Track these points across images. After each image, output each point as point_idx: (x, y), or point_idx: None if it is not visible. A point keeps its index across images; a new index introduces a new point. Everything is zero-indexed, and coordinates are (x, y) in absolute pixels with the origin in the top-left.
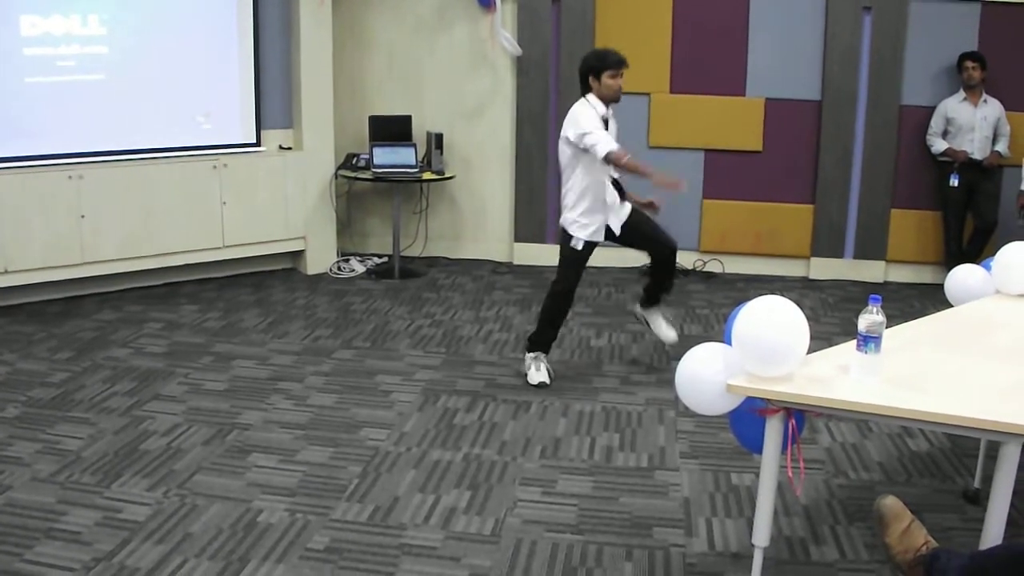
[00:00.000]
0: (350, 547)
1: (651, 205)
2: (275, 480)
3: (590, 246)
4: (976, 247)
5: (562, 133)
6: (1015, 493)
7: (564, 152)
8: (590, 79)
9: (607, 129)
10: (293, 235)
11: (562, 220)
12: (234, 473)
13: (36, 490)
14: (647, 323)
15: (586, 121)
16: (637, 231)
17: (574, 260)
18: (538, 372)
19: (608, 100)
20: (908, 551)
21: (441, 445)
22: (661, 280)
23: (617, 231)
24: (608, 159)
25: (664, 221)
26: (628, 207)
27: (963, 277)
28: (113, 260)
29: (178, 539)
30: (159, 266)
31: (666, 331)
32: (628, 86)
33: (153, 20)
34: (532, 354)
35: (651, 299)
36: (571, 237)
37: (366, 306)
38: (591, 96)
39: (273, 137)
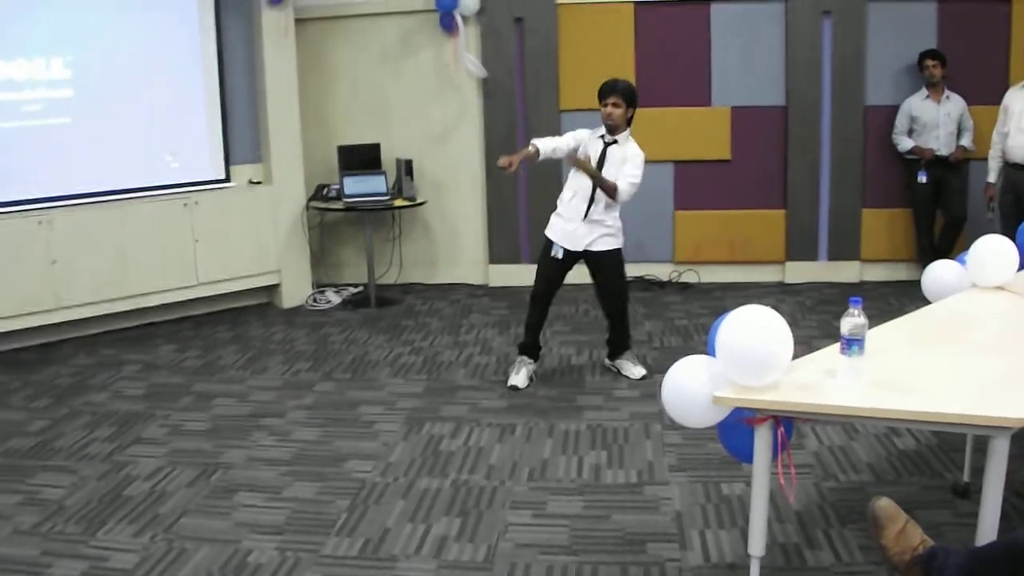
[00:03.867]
0: None
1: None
2: (263, 519)
3: (549, 245)
4: (948, 242)
5: None
6: (1006, 486)
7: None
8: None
9: (603, 154)
10: (267, 269)
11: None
12: (221, 514)
13: (19, 543)
14: (618, 371)
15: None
16: (598, 270)
17: (540, 259)
18: (516, 376)
19: (607, 128)
20: (905, 551)
21: (428, 473)
22: (615, 333)
23: (570, 246)
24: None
25: (637, 235)
26: (606, 244)
27: (939, 273)
28: (87, 304)
29: None
30: (134, 307)
31: (633, 371)
32: (594, 102)
33: (117, 61)
34: (519, 357)
35: (615, 351)
36: (546, 241)
37: (344, 337)
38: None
39: (242, 172)
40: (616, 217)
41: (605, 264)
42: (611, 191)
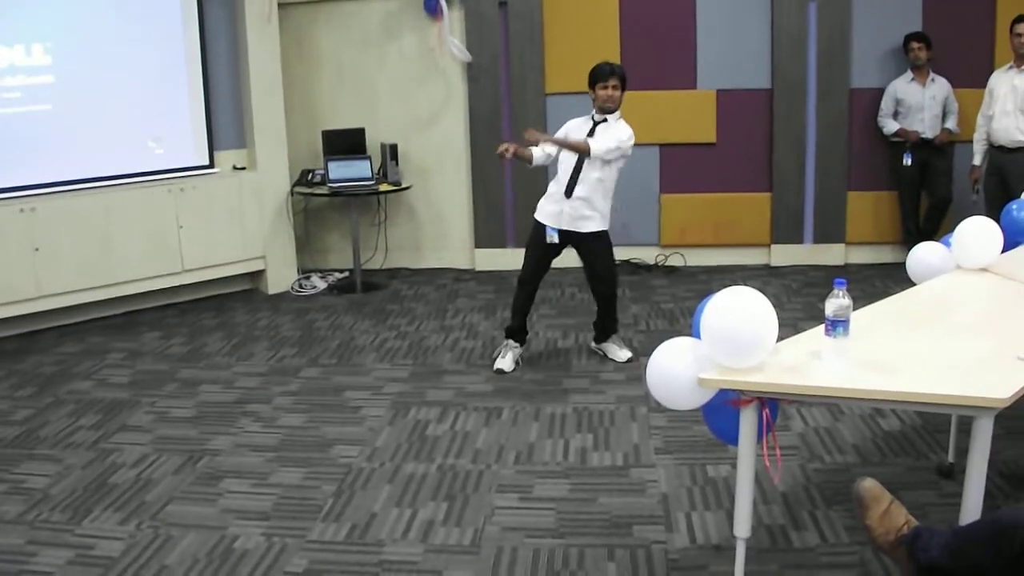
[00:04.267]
0: (329, 568)
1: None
2: (249, 505)
3: (539, 229)
4: (932, 224)
5: None
6: (990, 465)
7: None
8: (591, 94)
9: (591, 132)
10: (252, 255)
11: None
12: (207, 500)
13: (4, 532)
14: (604, 354)
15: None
16: (586, 253)
17: (527, 243)
18: (502, 359)
19: (604, 110)
20: (889, 532)
21: (414, 458)
22: (604, 319)
23: (559, 225)
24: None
25: (623, 218)
26: (591, 225)
27: (924, 255)
28: (70, 292)
29: (154, 572)
30: (118, 295)
31: (618, 354)
32: (579, 86)
33: (98, 47)
34: (505, 340)
35: (601, 335)
36: (536, 225)
37: (330, 322)
38: (594, 108)
39: (227, 158)
40: (607, 202)
41: (593, 246)
42: (583, 150)
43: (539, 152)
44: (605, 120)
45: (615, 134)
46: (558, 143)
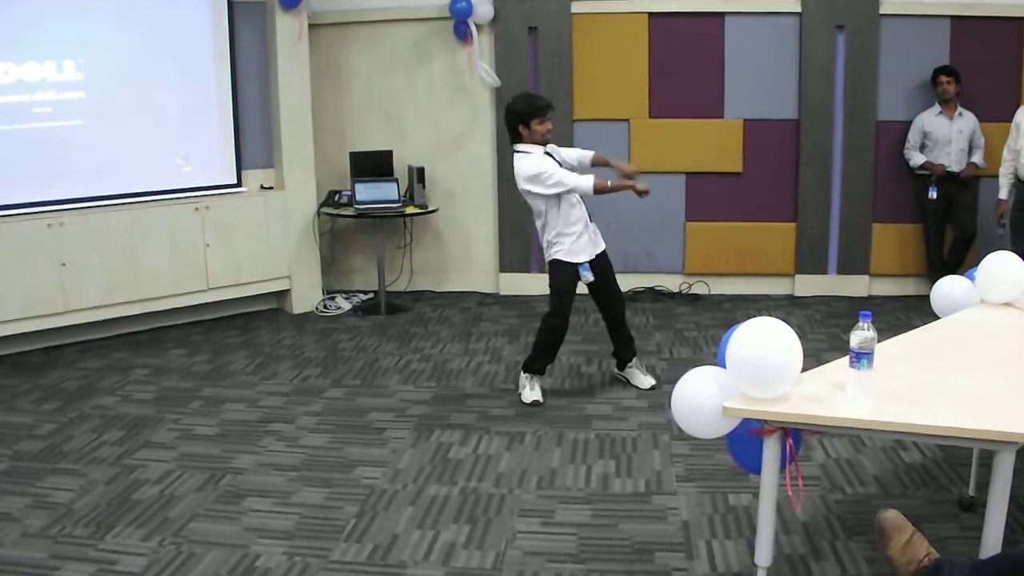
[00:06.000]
0: None
1: (634, 182)
2: (271, 524)
3: (573, 271)
4: (957, 258)
5: (522, 187)
6: (1011, 500)
7: (536, 200)
8: (520, 128)
9: (555, 159)
10: (278, 275)
11: (548, 252)
12: (229, 518)
13: (27, 546)
14: (627, 380)
15: (540, 166)
16: (603, 271)
17: (566, 289)
18: (531, 391)
19: (541, 144)
20: (911, 563)
21: (437, 480)
22: (618, 339)
23: (593, 252)
24: (597, 191)
25: (648, 245)
26: (603, 243)
27: (948, 288)
28: (96, 307)
29: None
30: (143, 311)
31: (643, 380)
32: (607, 113)
33: (129, 64)
34: (527, 375)
35: (623, 361)
36: (560, 265)
37: (354, 343)
38: (525, 145)
39: (254, 177)
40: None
41: (605, 263)
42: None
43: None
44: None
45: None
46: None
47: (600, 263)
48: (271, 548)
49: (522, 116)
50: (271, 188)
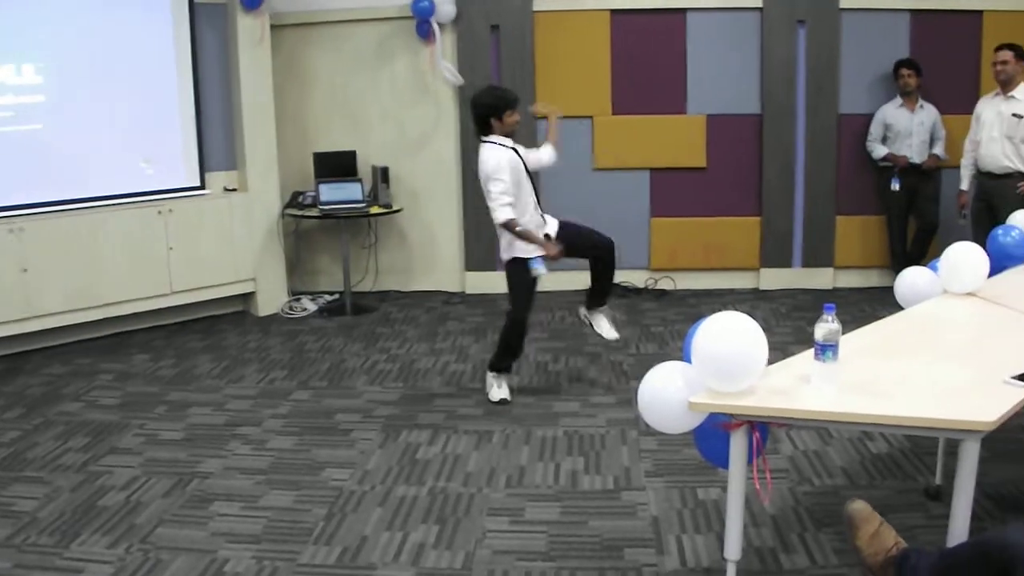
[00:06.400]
0: None
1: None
2: (239, 528)
3: (540, 265)
4: (920, 248)
5: (481, 179)
6: (977, 488)
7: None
8: (492, 120)
9: (520, 156)
10: (242, 277)
11: (506, 251)
12: (197, 523)
13: None
14: (591, 324)
15: (499, 172)
16: (574, 238)
17: (517, 282)
18: (499, 389)
19: (511, 135)
20: (879, 553)
21: (405, 481)
22: (602, 281)
23: (553, 234)
24: (506, 228)
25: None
26: (554, 220)
27: (912, 279)
28: (59, 313)
29: None
30: (107, 316)
31: (608, 331)
32: (570, 110)
33: (90, 66)
34: (493, 374)
35: (594, 301)
36: (519, 263)
37: (320, 345)
38: (495, 136)
39: (217, 179)
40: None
41: (574, 227)
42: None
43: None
44: (516, 147)
45: (533, 152)
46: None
47: (567, 228)
48: (239, 552)
49: (494, 108)
50: (234, 190)
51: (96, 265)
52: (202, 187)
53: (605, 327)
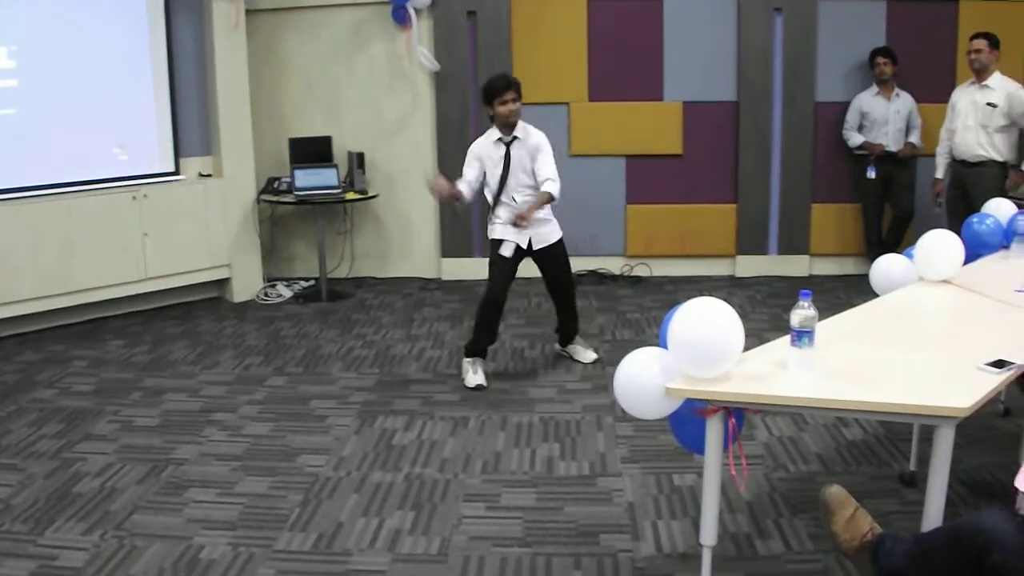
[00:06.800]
0: None
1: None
2: (215, 514)
3: (507, 247)
4: (895, 236)
5: None
6: (951, 474)
7: None
8: (487, 109)
9: (507, 154)
10: (217, 263)
11: (489, 232)
12: (172, 510)
13: None
14: (570, 356)
15: (468, 154)
16: (548, 260)
17: (492, 260)
18: (475, 375)
19: (508, 126)
20: (854, 538)
21: (381, 467)
22: (567, 322)
23: (525, 244)
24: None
25: (590, 229)
26: (554, 235)
27: (887, 267)
28: (32, 299)
29: None
30: (81, 302)
31: (585, 355)
32: (547, 96)
33: (64, 52)
34: (469, 359)
35: (565, 339)
36: (494, 244)
37: (296, 331)
38: (493, 127)
39: (192, 165)
40: (550, 208)
41: (556, 254)
42: (548, 201)
43: (466, 191)
44: (515, 138)
45: (546, 156)
46: (532, 213)
47: (547, 254)
48: (215, 539)
49: (483, 99)
50: (210, 176)
51: (70, 251)
52: (177, 173)
53: (581, 352)
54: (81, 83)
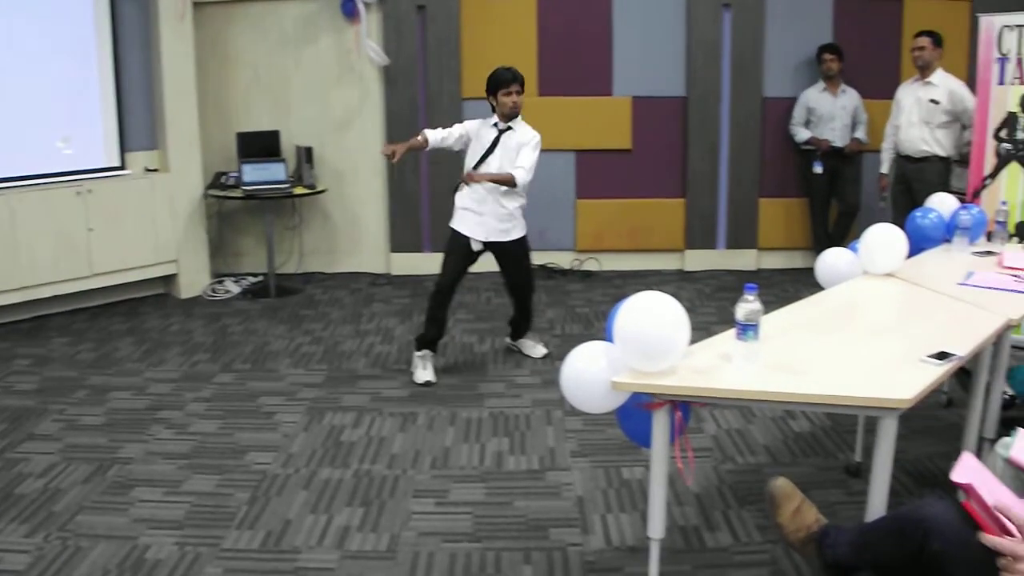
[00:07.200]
0: None
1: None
2: (161, 514)
3: (460, 238)
4: (841, 230)
5: None
6: (894, 464)
7: None
8: (490, 99)
9: (496, 141)
10: (164, 259)
11: None
12: (117, 510)
13: None
14: (520, 350)
15: (463, 123)
16: (509, 260)
17: (447, 251)
18: (423, 371)
19: (508, 117)
20: (800, 529)
21: (330, 464)
22: (521, 321)
23: (484, 237)
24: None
25: (539, 223)
26: (514, 232)
27: (832, 260)
28: None
29: None
30: (24, 299)
31: (534, 350)
32: None
33: (5, 41)
34: (419, 353)
35: (517, 334)
36: (451, 232)
37: (243, 327)
38: (494, 115)
39: (138, 159)
40: (519, 205)
41: (515, 253)
42: (508, 182)
43: (433, 136)
44: (510, 128)
45: (529, 150)
46: (485, 179)
47: (504, 251)
48: (161, 539)
49: (488, 90)
50: (156, 170)
51: (13, 247)
52: (122, 167)
53: (531, 347)
54: (23, 74)
